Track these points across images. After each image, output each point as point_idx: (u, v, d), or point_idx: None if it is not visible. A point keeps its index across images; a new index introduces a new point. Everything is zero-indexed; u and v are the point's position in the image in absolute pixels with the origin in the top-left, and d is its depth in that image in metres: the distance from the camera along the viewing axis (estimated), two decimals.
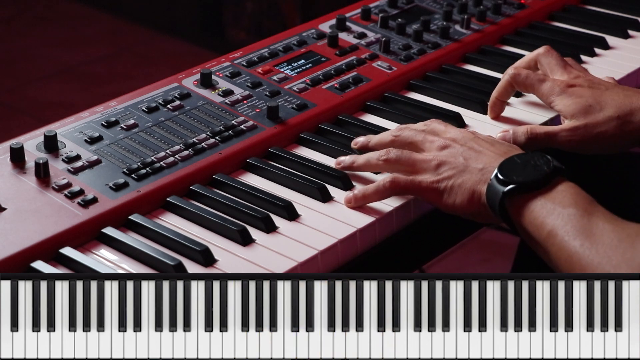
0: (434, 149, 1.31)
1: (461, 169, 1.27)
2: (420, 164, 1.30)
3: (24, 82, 3.80)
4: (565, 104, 1.41)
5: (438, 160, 1.29)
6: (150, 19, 4.19)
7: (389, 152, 1.32)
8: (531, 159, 1.23)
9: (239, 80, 1.54)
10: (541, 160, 1.23)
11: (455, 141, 1.31)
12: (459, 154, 1.29)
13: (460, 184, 1.26)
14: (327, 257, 1.24)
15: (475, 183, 1.26)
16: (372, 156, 1.34)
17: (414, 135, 1.34)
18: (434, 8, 1.81)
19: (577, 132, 1.39)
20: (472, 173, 1.26)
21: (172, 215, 1.30)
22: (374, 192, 1.30)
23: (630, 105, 1.39)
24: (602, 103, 1.40)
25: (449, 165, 1.28)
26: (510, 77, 1.47)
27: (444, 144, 1.31)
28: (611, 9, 1.91)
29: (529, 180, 1.21)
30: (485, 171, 1.26)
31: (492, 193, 1.23)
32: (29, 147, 1.36)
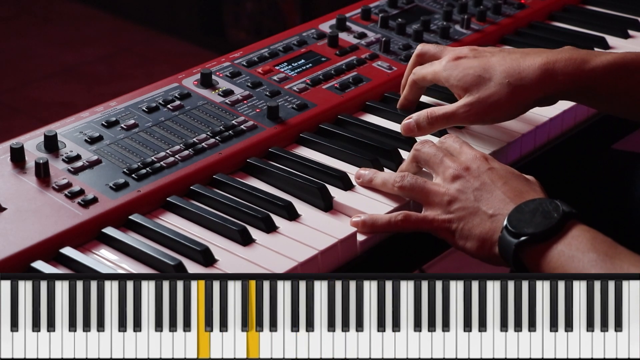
0: (447, 178, 1.28)
1: (471, 210, 1.24)
2: (433, 197, 1.28)
3: (24, 82, 3.80)
4: (455, 77, 1.41)
5: (449, 196, 1.26)
6: (150, 19, 4.19)
7: (404, 179, 1.31)
8: (540, 206, 1.20)
9: (239, 80, 1.54)
10: (550, 206, 1.19)
11: (468, 171, 1.27)
12: (470, 190, 1.26)
13: (470, 229, 1.24)
14: (327, 257, 1.24)
15: (486, 231, 1.23)
16: (389, 180, 1.32)
17: (433, 154, 1.31)
18: (434, 8, 1.81)
19: (472, 106, 1.39)
20: (482, 218, 1.24)
21: (172, 215, 1.30)
22: (384, 225, 1.28)
23: (519, 68, 1.39)
24: (490, 70, 1.40)
25: (459, 203, 1.25)
26: (409, 76, 1.49)
27: (457, 174, 1.27)
28: (611, 9, 1.91)
29: (540, 230, 1.17)
30: (495, 220, 1.22)
31: (504, 245, 1.20)
32: (29, 147, 1.36)
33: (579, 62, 1.40)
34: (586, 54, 1.41)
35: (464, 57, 1.43)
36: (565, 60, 1.40)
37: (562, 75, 1.39)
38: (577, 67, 1.39)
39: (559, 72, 1.39)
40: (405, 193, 1.31)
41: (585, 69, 1.39)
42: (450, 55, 1.45)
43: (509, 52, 1.43)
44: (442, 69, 1.43)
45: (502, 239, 1.20)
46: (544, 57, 1.40)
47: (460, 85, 1.41)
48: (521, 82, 1.39)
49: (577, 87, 1.40)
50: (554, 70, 1.39)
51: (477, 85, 1.40)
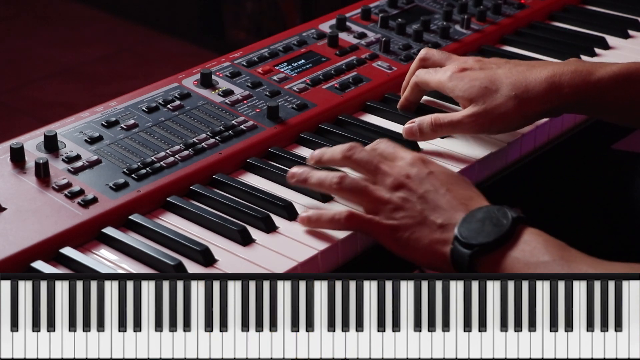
0: (388, 186, 1.25)
1: (419, 220, 1.22)
2: (376, 203, 1.24)
3: (24, 82, 3.80)
4: (460, 89, 1.41)
5: (394, 205, 1.23)
6: (150, 19, 4.19)
7: (343, 182, 1.26)
8: (487, 214, 1.18)
9: (239, 80, 1.54)
10: (497, 213, 1.18)
11: (409, 179, 1.24)
12: (414, 199, 1.23)
13: (417, 238, 1.21)
14: (327, 257, 1.24)
15: (436, 242, 1.20)
16: (325, 179, 1.28)
17: (367, 161, 1.28)
18: (434, 8, 1.81)
19: (479, 116, 1.39)
20: (431, 228, 1.21)
21: (172, 215, 1.30)
22: (328, 221, 1.25)
23: (525, 81, 1.39)
24: (497, 83, 1.40)
25: (405, 212, 1.22)
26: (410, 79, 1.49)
27: (398, 182, 1.24)
28: (611, 9, 1.91)
29: (492, 239, 1.16)
30: (445, 230, 1.20)
31: (457, 257, 1.18)
32: (29, 147, 1.36)
33: (585, 74, 1.40)
34: (591, 65, 1.41)
35: (469, 68, 1.43)
36: (571, 72, 1.40)
37: (568, 88, 1.39)
38: (583, 79, 1.39)
39: (565, 84, 1.39)
40: (344, 195, 1.27)
41: (591, 81, 1.39)
42: (456, 66, 1.44)
43: (515, 65, 1.43)
44: (447, 80, 1.43)
45: (454, 250, 1.18)
46: (550, 70, 1.40)
47: (465, 97, 1.41)
48: (527, 95, 1.39)
49: (583, 99, 1.40)
50: (560, 82, 1.39)
51: (483, 96, 1.39)
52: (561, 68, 1.41)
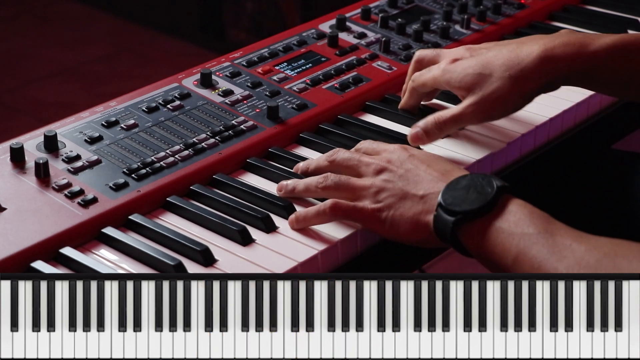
0: (370, 173, 1.27)
1: (400, 196, 1.23)
2: (360, 191, 1.26)
3: (24, 82, 3.80)
4: (455, 79, 1.40)
5: (376, 187, 1.25)
6: (150, 19, 4.19)
7: (327, 179, 1.28)
8: (472, 182, 1.19)
9: (239, 80, 1.54)
10: (483, 181, 1.19)
11: (390, 162, 1.26)
12: (396, 179, 1.24)
13: (401, 214, 1.22)
14: (327, 257, 1.24)
15: (419, 213, 1.21)
16: (311, 183, 1.30)
17: (349, 158, 1.30)
18: (434, 8, 1.81)
19: (479, 105, 1.38)
20: (413, 201, 1.22)
21: (172, 215, 1.30)
22: (314, 216, 1.26)
23: (517, 58, 1.38)
24: (489, 66, 1.38)
25: (387, 192, 1.24)
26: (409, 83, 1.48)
27: (380, 167, 1.26)
28: (611, 9, 1.91)
29: (476, 206, 1.16)
30: (427, 199, 1.21)
31: (440, 224, 1.18)
32: (29, 147, 1.36)
33: (578, 46, 1.38)
34: (584, 37, 1.40)
35: (460, 58, 1.42)
36: (564, 45, 1.38)
37: (562, 60, 1.37)
38: (577, 51, 1.38)
39: (558, 57, 1.37)
40: (330, 193, 1.28)
41: (585, 52, 1.38)
42: (447, 58, 1.43)
43: (504, 45, 1.42)
44: (441, 74, 1.42)
45: (437, 217, 1.19)
46: (542, 44, 1.38)
47: (462, 87, 1.40)
48: (522, 73, 1.37)
49: (578, 70, 1.38)
50: (553, 56, 1.37)
51: (478, 83, 1.38)
52: (552, 41, 1.39)
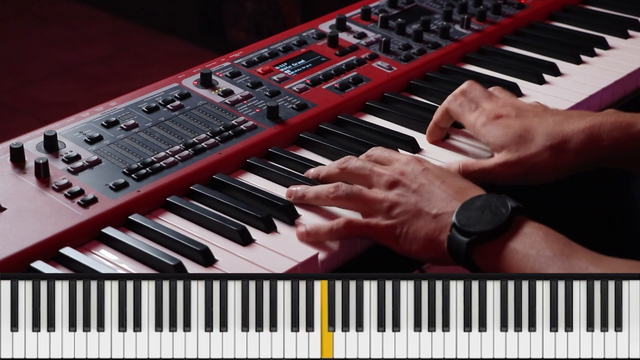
0: (383, 185, 1.25)
1: (414, 213, 1.22)
2: (372, 204, 1.25)
3: (24, 82, 3.80)
4: (494, 135, 1.36)
5: (389, 202, 1.24)
6: (150, 19, 4.19)
7: (339, 189, 1.27)
8: (487, 202, 1.18)
9: (239, 80, 1.54)
10: (497, 201, 1.18)
11: (404, 175, 1.25)
12: (409, 194, 1.23)
13: (415, 231, 1.21)
14: (327, 257, 1.24)
15: (432, 231, 1.21)
16: (322, 191, 1.29)
17: (361, 167, 1.29)
18: (434, 8, 1.81)
19: (511, 166, 1.34)
20: (426, 219, 1.21)
21: (172, 215, 1.30)
22: (327, 233, 1.25)
23: (562, 132, 1.34)
24: (532, 132, 1.34)
25: (401, 207, 1.23)
26: (447, 102, 1.43)
27: (393, 180, 1.25)
28: (611, 9, 1.91)
29: (491, 227, 1.16)
30: (441, 219, 1.20)
31: (454, 245, 1.18)
32: (29, 147, 1.36)
33: (625, 126, 1.34)
34: (632, 117, 1.36)
35: (505, 115, 1.37)
36: (611, 124, 1.34)
37: (607, 140, 1.33)
38: (623, 131, 1.34)
39: (604, 136, 1.33)
40: (341, 203, 1.27)
41: (631, 133, 1.34)
42: (491, 112, 1.38)
43: (552, 114, 1.37)
44: (480, 126, 1.37)
45: (451, 238, 1.18)
46: (589, 121, 1.34)
47: (498, 143, 1.35)
48: (564, 147, 1.33)
49: (622, 152, 1.34)
50: (599, 134, 1.33)
51: (517, 144, 1.34)
52: (600, 119, 1.35)
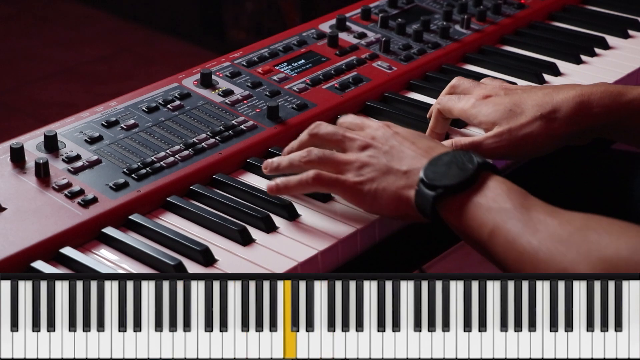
0: (355, 149, 1.28)
1: (384, 170, 1.24)
2: (343, 165, 1.27)
3: (24, 82, 3.80)
4: (484, 113, 1.37)
5: (360, 162, 1.26)
6: (150, 19, 4.19)
7: (311, 153, 1.29)
8: (454, 159, 1.20)
9: (239, 80, 1.54)
10: (464, 157, 1.20)
11: (375, 139, 1.28)
12: (380, 155, 1.26)
13: (384, 188, 1.24)
14: (327, 257, 1.24)
15: (401, 187, 1.23)
16: (294, 157, 1.30)
17: (333, 132, 1.31)
18: (434, 8, 1.81)
19: (502, 137, 1.35)
20: (396, 176, 1.23)
21: (172, 215, 1.30)
22: (296, 184, 1.28)
23: (552, 101, 1.35)
24: (522, 105, 1.36)
25: (371, 167, 1.25)
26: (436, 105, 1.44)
27: (364, 143, 1.28)
28: (611, 9, 1.91)
29: (457, 181, 1.18)
30: (410, 174, 1.23)
31: (421, 198, 1.20)
32: (29, 147, 1.36)
33: (615, 95, 1.36)
34: (622, 87, 1.37)
35: (494, 95, 1.39)
36: (601, 92, 1.36)
37: (598, 108, 1.35)
38: (614, 99, 1.35)
39: (594, 104, 1.35)
40: (314, 167, 1.29)
41: (621, 101, 1.36)
42: (480, 93, 1.40)
43: (540, 88, 1.39)
44: (470, 107, 1.39)
45: (418, 192, 1.21)
46: (579, 90, 1.36)
47: (489, 120, 1.37)
48: (555, 115, 1.35)
49: (613, 120, 1.36)
50: (589, 102, 1.35)
51: (507, 118, 1.36)
52: (590, 88, 1.37)
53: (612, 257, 1.07)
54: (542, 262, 1.11)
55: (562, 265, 1.10)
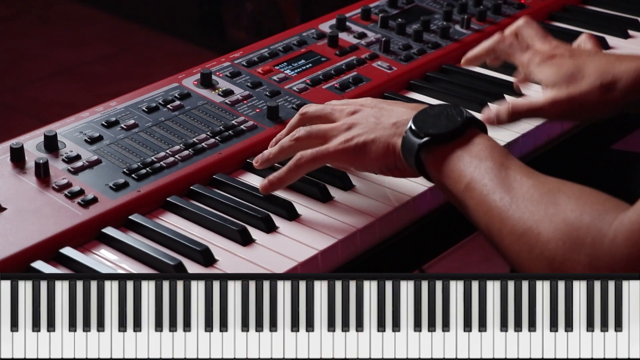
0: (344, 116, 1.31)
1: (372, 126, 1.28)
2: (332, 132, 1.30)
3: (24, 82, 3.80)
4: (546, 73, 1.39)
5: (348, 124, 1.29)
6: (150, 19, 4.19)
7: (299, 131, 1.32)
8: (444, 110, 1.24)
9: (239, 80, 1.54)
10: (454, 110, 1.23)
11: (364, 105, 1.31)
12: (369, 115, 1.29)
13: (373, 140, 1.27)
14: (327, 257, 1.24)
15: (390, 136, 1.26)
16: (284, 141, 1.33)
17: (321, 108, 1.34)
18: (434, 8, 1.81)
19: (560, 103, 1.37)
20: (385, 128, 1.27)
21: (172, 215, 1.30)
22: (286, 172, 1.29)
23: (613, 71, 1.37)
24: (583, 71, 1.37)
25: (360, 125, 1.28)
26: (494, 43, 1.46)
27: (354, 110, 1.31)
28: (611, 9, 1.91)
29: (444, 131, 1.21)
30: (399, 124, 1.26)
31: (407, 145, 1.23)
32: (29, 147, 1.36)
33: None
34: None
35: (559, 55, 1.40)
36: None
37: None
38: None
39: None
40: (302, 143, 1.31)
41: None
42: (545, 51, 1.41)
43: (604, 55, 1.41)
44: (535, 65, 1.40)
45: (405, 139, 1.23)
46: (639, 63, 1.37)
47: (550, 81, 1.38)
48: (614, 85, 1.36)
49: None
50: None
51: (567, 82, 1.37)
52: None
53: (574, 220, 1.08)
54: (510, 218, 1.13)
55: (528, 224, 1.11)
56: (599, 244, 1.06)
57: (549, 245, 1.09)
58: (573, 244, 1.08)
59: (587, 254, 1.07)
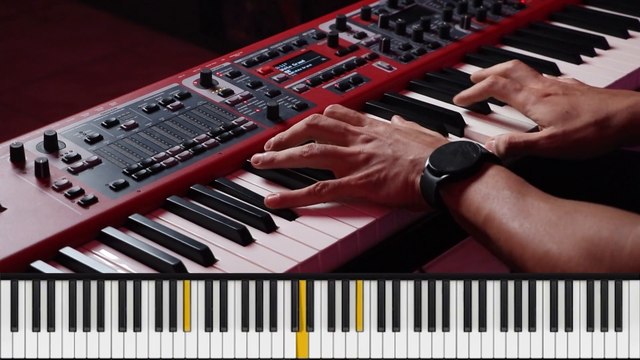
0: (358, 142, 1.32)
1: (391, 161, 1.29)
2: (349, 158, 1.30)
3: (24, 82, 3.80)
4: (541, 112, 1.42)
5: (366, 154, 1.30)
6: (150, 19, 4.19)
7: (313, 147, 1.32)
8: (460, 148, 1.26)
9: (239, 80, 1.54)
10: (469, 147, 1.26)
11: (378, 134, 1.32)
12: (386, 146, 1.30)
13: (393, 176, 1.28)
14: (327, 257, 1.24)
15: (408, 173, 1.27)
16: (294, 152, 1.33)
17: (335, 125, 1.34)
18: (434, 8, 1.81)
19: (555, 139, 1.40)
20: (403, 165, 1.28)
21: (172, 215, 1.30)
22: (305, 197, 1.30)
23: (607, 109, 1.41)
24: (578, 109, 1.41)
25: (378, 158, 1.29)
26: (487, 85, 1.48)
27: (368, 137, 1.32)
28: (611, 9, 1.91)
29: (461, 168, 1.23)
30: (417, 162, 1.28)
31: (426, 184, 1.25)
32: (29, 147, 1.36)
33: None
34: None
35: (553, 94, 1.43)
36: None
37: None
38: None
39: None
40: (316, 161, 1.32)
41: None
42: (539, 90, 1.45)
43: (597, 92, 1.45)
44: (529, 103, 1.44)
45: (424, 178, 1.25)
46: (632, 100, 1.42)
47: (546, 120, 1.42)
48: (608, 123, 1.40)
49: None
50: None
51: (563, 120, 1.40)
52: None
53: (593, 236, 1.11)
54: (531, 243, 1.14)
55: (548, 246, 1.13)
56: (618, 257, 1.09)
57: (571, 264, 1.12)
58: (593, 259, 1.10)
59: (607, 267, 1.10)
